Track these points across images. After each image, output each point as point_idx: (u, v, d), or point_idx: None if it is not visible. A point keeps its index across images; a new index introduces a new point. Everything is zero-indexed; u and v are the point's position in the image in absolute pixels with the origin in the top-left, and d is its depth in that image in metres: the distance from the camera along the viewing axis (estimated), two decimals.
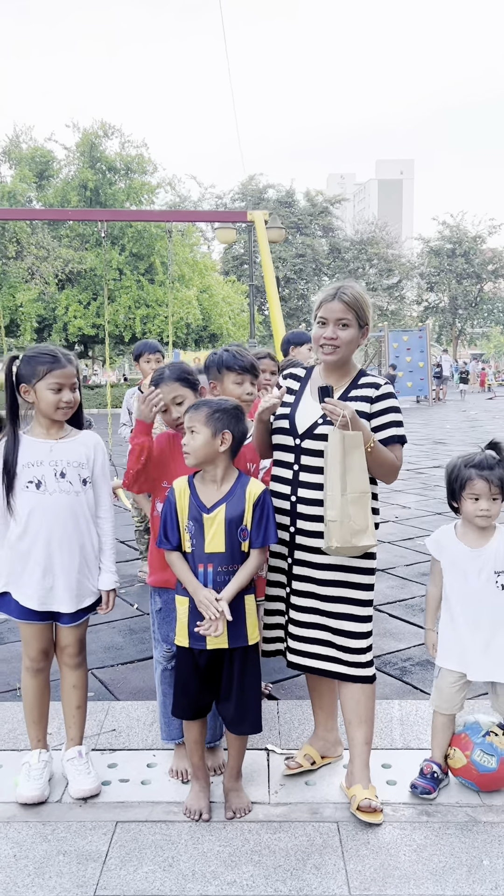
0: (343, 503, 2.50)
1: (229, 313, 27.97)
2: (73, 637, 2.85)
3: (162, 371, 2.83)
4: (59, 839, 2.54)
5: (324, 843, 2.50)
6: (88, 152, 26.58)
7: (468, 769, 2.73)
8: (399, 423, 2.72)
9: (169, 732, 2.96)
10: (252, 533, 2.58)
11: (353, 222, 54.42)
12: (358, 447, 2.52)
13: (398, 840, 2.51)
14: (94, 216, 9.11)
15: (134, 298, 25.10)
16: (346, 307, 2.66)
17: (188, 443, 2.53)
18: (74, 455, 2.79)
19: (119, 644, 4.27)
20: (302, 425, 2.72)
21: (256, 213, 7.66)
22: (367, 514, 2.54)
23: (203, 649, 2.56)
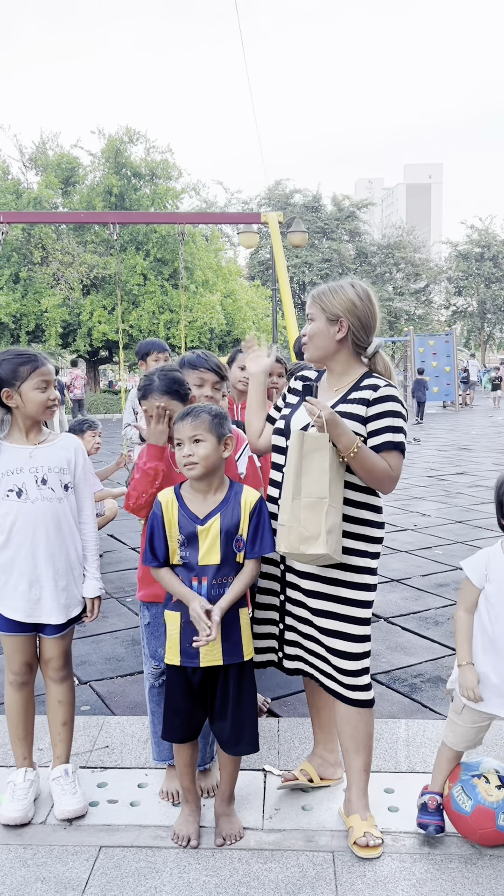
0: (294, 507, 2.35)
1: (253, 318, 27.87)
2: (57, 649, 2.74)
3: (151, 381, 2.68)
4: (39, 864, 2.42)
5: (317, 875, 2.35)
6: (114, 158, 26.69)
7: (447, 802, 2.53)
8: (397, 430, 2.49)
9: (160, 753, 2.82)
10: (248, 543, 2.45)
11: (380, 227, 54.14)
12: (320, 450, 2.35)
13: (396, 874, 2.35)
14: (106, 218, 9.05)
15: (158, 304, 25.11)
16: (311, 301, 2.62)
17: (194, 452, 2.37)
18: (55, 460, 2.69)
19: (120, 655, 4.15)
20: (296, 426, 2.58)
21: (270, 215, 7.53)
22: (321, 520, 2.34)
23: (196, 667, 2.43)
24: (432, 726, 3.26)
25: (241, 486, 2.52)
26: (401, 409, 2.53)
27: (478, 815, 2.43)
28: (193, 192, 27.58)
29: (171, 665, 2.47)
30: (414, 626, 4.51)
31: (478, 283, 48.33)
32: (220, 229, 32.60)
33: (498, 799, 2.44)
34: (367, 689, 2.56)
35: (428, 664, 3.96)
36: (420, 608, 4.86)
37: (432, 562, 6.01)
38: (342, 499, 2.43)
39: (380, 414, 2.50)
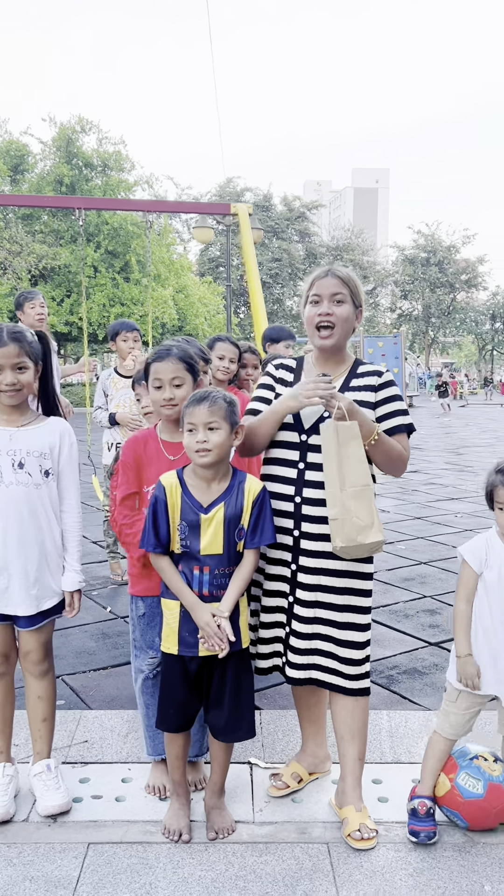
0: (343, 498, 2.32)
1: (205, 314, 27.75)
2: (35, 642, 2.62)
3: (169, 347, 2.58)
4: (26, 863, 2.32)
5: (314, 866, 2.32)
6: (65, 147, 26.21)
7: (452, 795, 2.50)
8: (405, 412, 2.57)
9: (155, 747, 2.72)
10: (249, 532, 2.40)
11: (328, 228, 54.59)
12: (354, 438, 2.34)
13: (393, 863, 2.33)
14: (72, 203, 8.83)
15: (109, 296, 24.75)
16: (340, 282, 2.52)
17: (208, 439, 2.29)
18: (36, 444, 2.57)
19: (91, 649, 4.05)
20: (308, 419, 2.53)
21: (240, 206, 7.49)
22: (372, 508, 2.35)
23: (194, 656, 2.37)
24: (414, 717, 3.26)
25: (244, 474, 2.46)
26: (401, 393, 2.58)
27: (491, 792, 2.46)
28: (146, 185, 27.30)
29: (167, 654, 2.40)
30: (386, 620, 4.53)
31: (423, 287, 49.23)
32: (171, 224, 32.34)
33: (500, 772, 2.50)
34: (366, 678, 2.55)
35: (402, 656, 3.98)
36: (389, 601, 4.88)
37: (396, 556, 6.05)
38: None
39: (388, 398, 2.55)
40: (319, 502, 2.45)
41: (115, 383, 5.23)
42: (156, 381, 2.56)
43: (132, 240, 25.23)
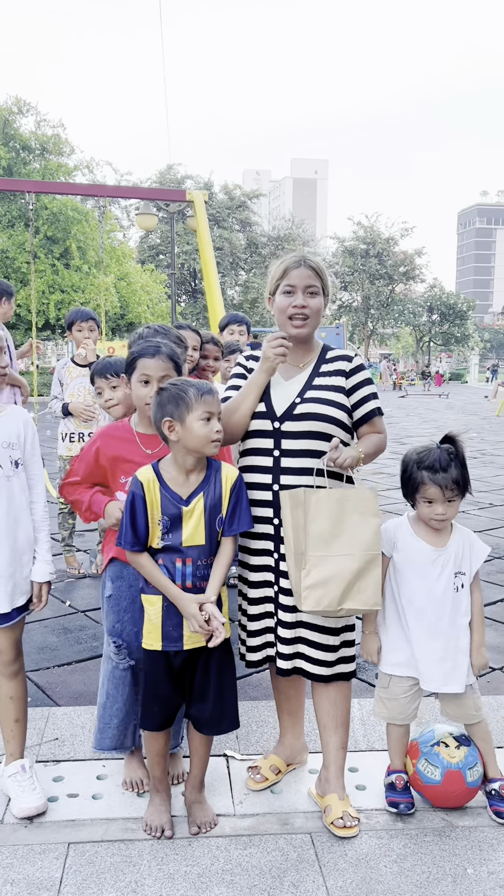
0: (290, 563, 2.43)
1: (147, 302, 27.42)
2: (7, 641, 2.55)
3: (158, 345, 2.52)
4: (5, 866, 2.26)
5: (299, 857, 2.32)
6: (1, 129, 25.44)
7: (415, 779, 2.59)
8: (376, 395, 2.61)
9: (101, 741, 2.63)
10: (227, 520, 2.38)
11: (268, 218, 54.63)
12: (299, 506, 2.38)
13: (377, 851, 2.36)
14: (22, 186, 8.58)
15: (48, 283, 24.19)
16: (314, 274, 2.55)
17: (219, 429, 2.30)
18: (3, 434, 2.50)
19: (53, 644, 3.96)
20: (280, 407, 2.53)
21: (196, 193, 7.41)
22: (298, 575, 2.39)
23: (179, 650, 2.33)
24: None
25: (219, 462, 2.43)
26: (370, 376, 2.64)
27: (448, 779, 2.51)
28: (87, 170, 26.72)
29: (151, 651, 2.36)
30: None
31: (363, 278, 49.76)
32: (111, 210, 31.82)
33: (461, 758, 2.53)
34: (351, 661, 2.56)
35: None
36: None
37: None
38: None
39: (360, 383, 2.59)
40: (297, 489, 2.45)
41: (70, 372, 5.13)
42: (143, 377, 2.50)
43: (72, 225, 24.69)
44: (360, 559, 2.37)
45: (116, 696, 2.61)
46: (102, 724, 2.62)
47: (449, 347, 56.27)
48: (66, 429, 5.07)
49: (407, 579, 2.55)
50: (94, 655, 3.83)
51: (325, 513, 2.36)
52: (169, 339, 2.62)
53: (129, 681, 2.58)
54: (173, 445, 2.32)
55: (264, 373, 2.54)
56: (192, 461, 2.33)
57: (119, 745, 2.62)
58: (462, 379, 50.37)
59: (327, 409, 2.49)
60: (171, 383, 2.32)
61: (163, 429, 2.29)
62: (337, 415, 2.50)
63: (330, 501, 2.36)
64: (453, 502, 2.49)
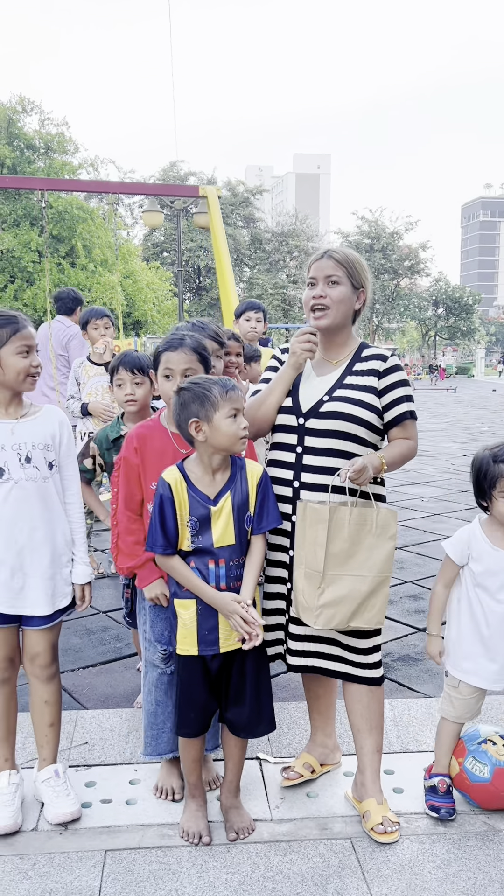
0: (297, 575, 2.40)
1: (154, 300, 27.34)
2: (45, 643, 2.51)
3: (182, 337, 2.48)
4: (42, 875, 2.22)
5: (340, 863, 2.27)
6: (5, 128, 25.37)
7: (461, 779, 2.54)
8: (410, 398, 2.52)
9: (156, 747, 2.61)
10: (255, 518, 2.33)
11: (271, 214, 54.41)
12: (321, 522, 2.32)
13: (420, 856, 2.31)
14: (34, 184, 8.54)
15: (55, 282, 24.14)
16: (336, 264, 2.49)
17: (246, 425, 2.26)
18: (39, 436, 2.45)
19: (77, 646, 3.92)
20: (306, 403, 2.48)
21: (209, 189, 7.35)
22: (313, 593, 2.35)
23: (216, 654, 2.29)
24: (416, 704, 3.25)
25: (242, 460, 2.39)
26: (407, 378, 2.55)
27: (498, 777, 2.46)
28: (91, 168, 26.63)
29: (186, 656, 2.31)
30: None
31: None
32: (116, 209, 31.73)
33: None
34: (378, 667, 2.52)
35: (394, 643, 3.97)
36: None
37: None
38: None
39: (394, 384, 2.51)
40: (317, 487, 2.42)
41: (87, 371, 5.07)
42: (166, 371, 2.46)
43: (78, 224, 24.64)
44: (371, 581, 2.34)
45: (167, 702, 2.57)
46: (155, 731, 2.58)
47: (455, 341, 56.09)
48: (85, 428, 5.02)
49: (489, 590, 2.46)
50: (118, 657, 3.79)
51: (345, 533, 2.33)
52: (203, 334, 2.57)
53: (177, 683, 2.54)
54: (200, 445, 2.27)
55: (291, 368, 2.49)
56: (219, 460, 2.29)
57: (176, 748, 2.57)
58: (468, 373, 50.22)
59: (355, 409, 2.42)
60: (192, 382, 2.27)
61: (189, 429, 2.24)
62: (365, 416, 2.43)
63: (351, 522, 2.33)
64: None
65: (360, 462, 2.28)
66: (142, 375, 2.99)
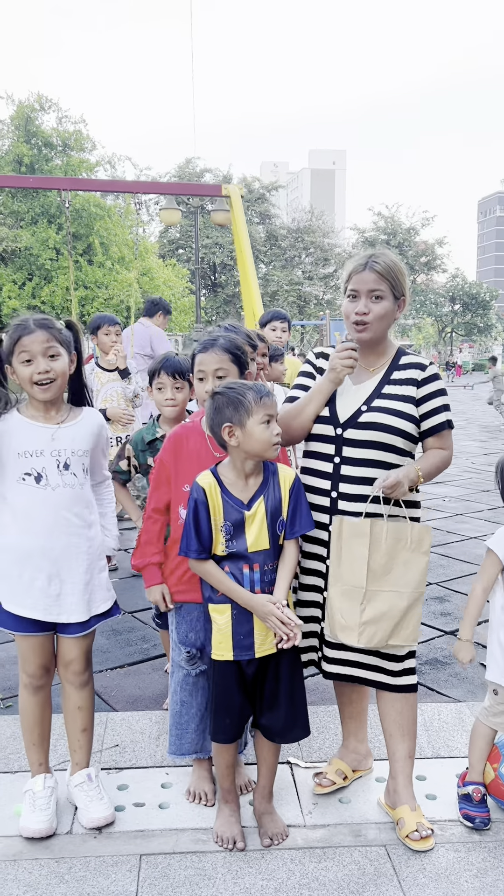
0: (332, 593, 2.41)
1: (170, 297, 27.38)
2: (79, 650, 2.51)
3: (215, 338, 2.47)
4: (79, 879, 2.22)
5: (376, 871, 2.26)
6: (24, 126, 25.48)
7: (497, 784, 2.52)
8: (448, 407, 2.51)
9: (180, 746, 2.61)
10: (288, 523, 2.32)
11: (287, 210, 54.37)
12: (359, 536, 2.34)
13: (456, 864, 2.29)
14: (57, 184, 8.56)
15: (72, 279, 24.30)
16: (378, 277, 2.43)
17: (279, 432, 2.26)
18: (79, 442, 2.45)
19: (104, 647, 3.93)
20: (344, 413, 2.46)
21: (232, 188, 7.33)
22: (356, 610, 2.36)
23: (251, 658, 2.28)
24: (446, 709, 3.24)
25: (274, 465, 2.38)
26: (445, 386, 2.53)
27: None
28: (108, 166, 26.71)
29: (221, 661, 2.31)
30: None
31: None
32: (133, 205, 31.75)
33: None
34: (412, 673, 2.51)
35: (421, 646, 3.95)
36: None
37: None
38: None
39: (433, 394, 2.49)
40: (356, 497, 2.40)
41: (99, 377, 5.08)
42: (199, 373, 2.46)
43: (95, 221, 24.72)
44: (407, 597, 2.35)
45: (191, 703, 2.58)
46: (179, 731, 2.58)
47: (471, 338, 55.75)
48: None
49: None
50: (145, 658, 3.80)
51: (383, 547, 2.33)
52: (235, 335, 2.56)
53: (202, 685, 2.55)
54: (232, 450, 2.27)
55: (331, 382, 2.46)
56: (252, 465, 2.29)
57: (199, 749, 2.59)
58: (485, 369, 49.88)
59: (394, 419, 2.41)
60: (226, 387, 2.27)
61: (222, 434, 2.23)
62: (404, 426, 2.42)
63: (388, 537, 2.33)
64: None
65: (392, 477, 2.28)
66: (182, 380, 2.99)
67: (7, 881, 2.20)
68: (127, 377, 5.09)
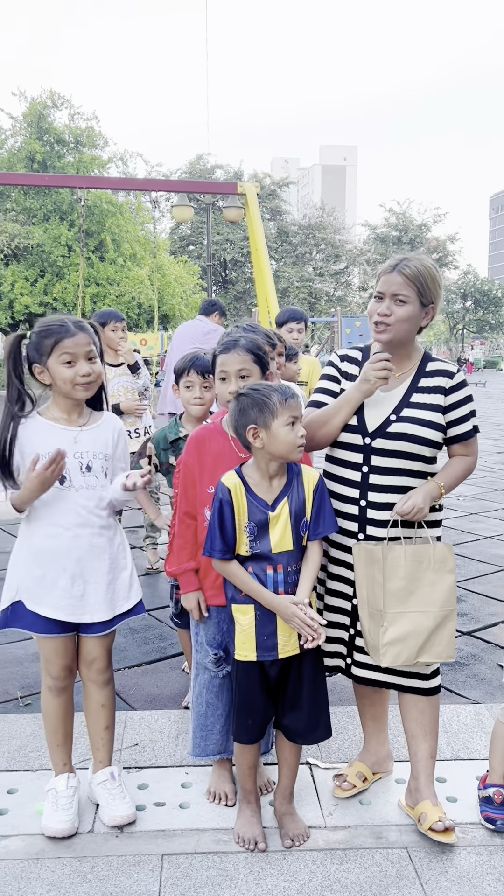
0: (362, 615, 2.43)
1: (182, 294, 27.39)
2: (102, 648, 2.53)
3: (237, 338, 2.46)
4: (101, 878, 2.23)
5: (398, 873, 2.26)
6: (36, 123, 25.51)
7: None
8: (475, 413, 2.51)
9: (205, 748, 2.62)
10: (311, 524, 2.32)
11: (298, 206, 54.27)
12: (376, 563, 2.36)
13: (478, 868, 2.29)
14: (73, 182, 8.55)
15: (84, 276, 24.33)
16: (405, 281, 2.40)
17: (303, 433, 2.26)
18: (101, 445, 2.47)
19: (121, 645, 3.94)
20: (373, 423, 2.45)
21: (248, 186, 7.30)
22: (377, 632, 2.37)
23: (275, 659, 2.29)
24: (465, 711, 3.23)
25: (298, 466, 2.38)
26: (472, 392, 2.52)
27: None
28: (120, 162, 26.73)
29: (244, 662, 2.31)
30: None
31: None
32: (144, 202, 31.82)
33: None
34: (437, 675, 2.50)
35: None
36: None
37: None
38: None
39: (461, 401, 2.50)
40: (384, 506, 2.42)
41: (107, 373, 5.09)
42: (221, 374, 2.45)
43: (107, 218, 24.74)
44: (435, 616, 2.36)
45: (217, 704, 2.58)
46: (204, 732, 2.58)
47: (483, 334, 55.52)
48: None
49: None
50: (162, 657, 3.81)
51: (401, 571, 2.34)
52: (255, 335, 2.56)
53: (227, 686, 2.55)
54: (257, 452, 2.27)
55: (361, 393, 2.44)
56: (276, 466, 2.29)
57: (223, 750, 2.59)
58: (497, 366, 49.69)
59: (422, 429, 2.40)
60: (252, 388, 2.26)
61: (247, 435, 2.23)
62: (431, 436, 2.41)
63: (406, 560, 2.34)
64: None
65: (409, 503, 2.31)
66: (211, 379, 2.99)
67: (31, 880, 2.22)
68: (136, 371, 5.10)
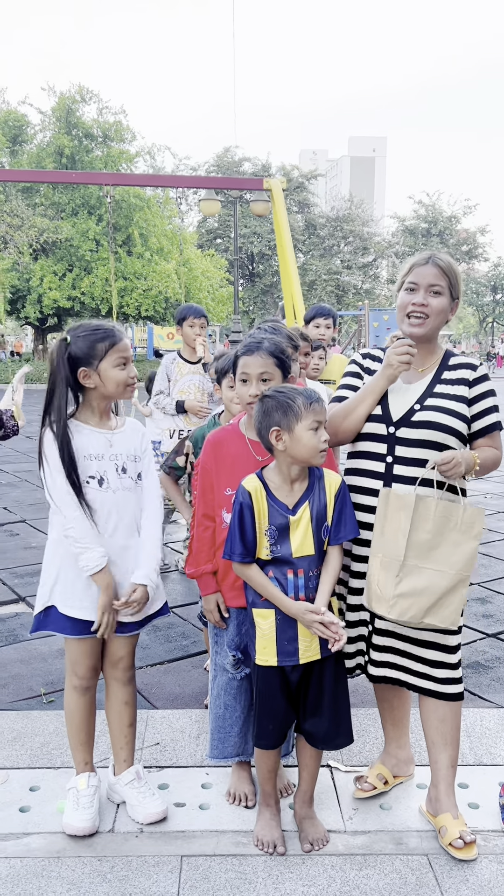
0: (374, 563, 2.37)
1: (208, 288, 27.41)
2: (128, 647, 2.56)
3: (260, 340, 2.44)
4: (121, 878, 2.25)
5: (418, 881, 2.25)
6: (65, 118, 25.64)
7: None
8: (497, 408, 2.49)
9: (223, 750, 2.61)
10: (332, 528, 2.31)
11: (326, 198, 53.96)
12: (404, 509, 2.31)
13: (499, 877, 2.26)
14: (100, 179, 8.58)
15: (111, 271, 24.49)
16: (440, 272, 2.42)
17: (327, 438, 2.25)
18: (131, 448, 2.52)
19: (143, 643, 3.96)
20: (397, 411, 2.43)
21: (273, 181, 7.27)
22: (389, 583, 2.32)
23: (296, 664, 2.28)
24: (489, 715, 3.20)
25: (320, 469, 2.36)
26: (494, 386, 2.52)
27: None
28: (148, 156, 26.79)
29: (265, 667, 2.30)
30: None
31: None
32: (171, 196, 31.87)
33: None
34: (459, 682, 2.47)
35: (463, 649, 3.89)
36: None
37: None
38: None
39: (484, 394, 2.49)
40: None
41: (180, 368, 4.97)
42: (242, 376, 2.44)
43: (134, 213, 24.82)
44: (451, 578, 2.29)
45: (235, 706, 2.58)
46: (222, 734, 2.59)
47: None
48: (176, 426, 4.90)
49: None
50: (185, 655, 3.82)
51: (429, 525, 2.29)
52: (278, 337, 2.54)
53: (246, 688, 2.55)
54: (279, 455, 2.26)
55: (385, 379, 2.44)
56: (297, 470, 2.27)
57: (241, 752, 2.59)
58: None
59: (448, 418, 2.38)
60: (276, 390, 2.25)
61: (269, 437, 2.22)
62: (456, 425, 2.39)
63: (436, 514, 2.29)
64: None
65: (450, 453, 2.27)
66: None
67: (51, 878, 2.24)
68: (208, 371, 5.01)
